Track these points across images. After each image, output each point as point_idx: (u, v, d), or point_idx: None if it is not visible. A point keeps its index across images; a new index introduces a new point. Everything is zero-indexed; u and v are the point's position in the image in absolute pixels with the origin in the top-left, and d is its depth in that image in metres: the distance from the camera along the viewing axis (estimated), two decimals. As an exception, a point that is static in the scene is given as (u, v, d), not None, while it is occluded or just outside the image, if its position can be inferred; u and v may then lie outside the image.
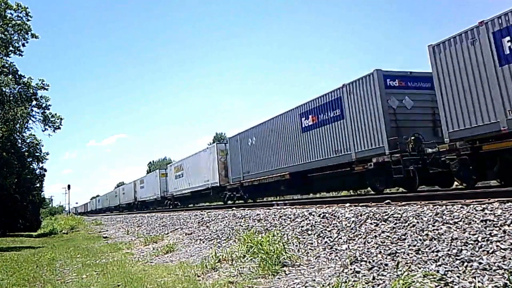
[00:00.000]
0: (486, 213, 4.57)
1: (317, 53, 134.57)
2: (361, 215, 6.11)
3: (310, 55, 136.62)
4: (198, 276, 5.73)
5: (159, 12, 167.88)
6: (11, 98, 19.96)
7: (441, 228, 4.68)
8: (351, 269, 4.59)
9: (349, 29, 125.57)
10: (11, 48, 20.61)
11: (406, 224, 5.20)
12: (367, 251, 4.98)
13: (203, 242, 8.90)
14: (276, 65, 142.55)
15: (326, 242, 5.90)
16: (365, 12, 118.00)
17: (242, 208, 12.39)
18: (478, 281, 3.55)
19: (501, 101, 8.32)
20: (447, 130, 9.50)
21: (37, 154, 28.25)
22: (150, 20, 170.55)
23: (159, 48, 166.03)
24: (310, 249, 5.91)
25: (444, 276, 3.78)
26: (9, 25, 19.86)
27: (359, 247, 5.22)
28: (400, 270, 4.16)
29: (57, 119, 22.28)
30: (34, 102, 21.35)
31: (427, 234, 4.72)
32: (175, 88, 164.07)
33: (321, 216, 6.90)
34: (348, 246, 5.41)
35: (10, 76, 19.64)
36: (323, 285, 4.30)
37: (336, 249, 5.51)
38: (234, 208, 12.85)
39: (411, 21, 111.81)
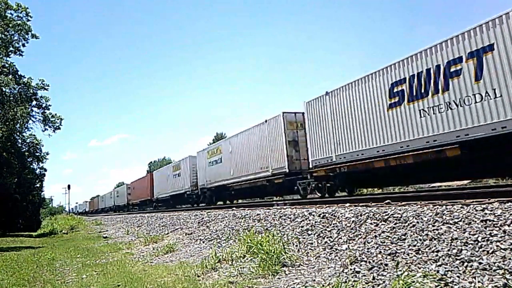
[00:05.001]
0: (486, 213, 4.57)
1: (318, 53, 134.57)
2: (361, 215, 6.11)
3: (311, 55, 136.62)
4: (198, 276, 5.72)
5: (161, 13, 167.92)
6: (11, 98, 20.00)
7: (441, 228, 4.68)
8: (351, 269, 4.59)
9: (350, 29, 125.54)
10: (11, 48, 20.67)
11: (406, 224, 5.20)
12: (367, 251, 4.97)
13: (203, 242, 8.90)
14: (276, 66, 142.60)
15: (326, 242, 5.90)
16: (367, 13, 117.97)
17: (242, 208, 12.39)
18: (478, 281, 3.54)
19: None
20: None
21: (37, 154, 28.28)
22: (152, 20, 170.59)
23: (161, 48, 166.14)
24: (310, 249, 5.90)
25: (444, 276, 3.77)
26: (10, 25, 19.90)
27: (359, 247, 5.21)
28: (400, 270, 4.16)
29: (57, 119, 22.36)
30: (34, 102, 21.44)
31: (427, 234, 4.72)
32: (176, 88, 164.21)
33: (321, 216, 6.90)
34: (348, 246, 5.41)
35: (10, 76, 19.67)
36: (323, 285, 4.30)
37: (336, 249, 5.51)
38: (234, 208, 12.85)
39: (413, 21, 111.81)
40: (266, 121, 16.57)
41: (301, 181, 14.32)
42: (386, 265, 4.47)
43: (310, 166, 13.65)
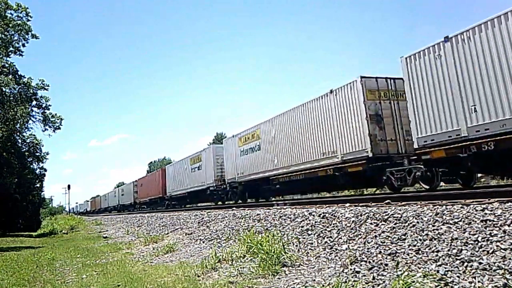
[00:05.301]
0: (486, 213, 4.57)
1: (318, 53, 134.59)
2: (361, 215, 6.11)
3: (311, 55, 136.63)
4: (198, 276, 5.72)
5: (161, 13, 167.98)
6: (11, 98, 20.00)
7: (441, 228, 4.68)
8: (351, 269, 4.59)
9: (350, 29, 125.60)
10: (11, 48, 20.68)
11: (406, 224, 5.20)
12: (367, 251, 4.97)
13: (203, 242, 8.90)
14: (276, 66, 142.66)
15: (326, 242, 5.90)
16: (367, 13, 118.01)
17: (242, 208, 12.40)
18: (478, 281, 3.54)
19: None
20: None
21: (37, 154, 28.28)
22: (152, 20, 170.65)
23: (161, 48, 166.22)
24: (310, 249, 5.90)
25: (444, 276, 3.77)
26: (10, 25, 19.90)
27: (359, 247, 5.22)
28: (400, 270, 4.16)
29: (57, 119, 22.38)
30: (34, 102, 21.46)
31: (427, 234, 4.72)
32: (176, 88, 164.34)
33: (321, 216, 6.90)
34: (348, 246, 5.41)
35: (10, 76, 19.68)
36: (323, 285, 4.30)
37: (336, 249, 5.51)
38: (234, 208, 12.85)
39: (413, 21, 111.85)
40: (331, 91, 12.46)
41: (395, 169, 10.61)
42: (386, 265, 4.47)
43: (416, 145, 9.89)
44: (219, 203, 22.08)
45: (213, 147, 22.55)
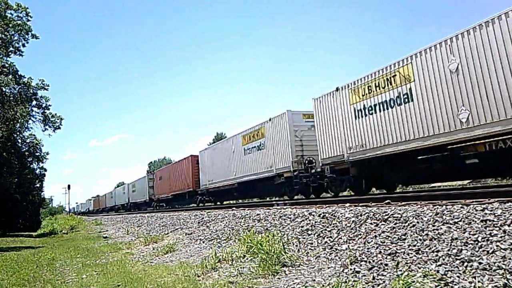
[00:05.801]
0: (486, 213, 4.57)
1: (318, 53, 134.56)
2: (361, 215, 6.11)
3: (311, 55, 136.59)
4: (198, 276, 5.72)
5: (161, 13, 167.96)
6: (11, 98, 20.00)
7: (441, 228, 4.68)
8: (351, 269, 4.59)
9: (350, 29, 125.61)
10: (11, 48, 20.69)
11: (406, 224, 5.20)
12: (367, 251, 4.97)
13: (203, 242, 8.90)
14: (276, 66, 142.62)
15: (326, 242, 5.90)
16: (367, 13, 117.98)
17: (242, 208, 12.39)
18: (478, 281, 3.54)
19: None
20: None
21: (37, 154, 28.30)
22: (152, 20, 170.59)
23: (161, 48, 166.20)
24: (310, 249, 5.90)
25: (444, 276, 3.77)
26: (10, 25, 19.91)
27: (359, 247, 5.22)
28: (400, 270, 4.16)
29: (57, 119, 22.39)
30: (34, 102, 21.48)
31: (427, 234, 4.72)
32: (176, 88, 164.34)
33: (321, 216, 6.90)
34: (348, 246, 5.41)
35: (10, 76, 19.68)
36: (323, 285, 4.30)
37: (336, 249, 5.51)
38: (234, 208, 12.85)
39: (413, 21, 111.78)
40: None
41: None
42: (386, 265, 4.47)
43: None
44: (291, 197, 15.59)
45: (288, 114, 15.30)
